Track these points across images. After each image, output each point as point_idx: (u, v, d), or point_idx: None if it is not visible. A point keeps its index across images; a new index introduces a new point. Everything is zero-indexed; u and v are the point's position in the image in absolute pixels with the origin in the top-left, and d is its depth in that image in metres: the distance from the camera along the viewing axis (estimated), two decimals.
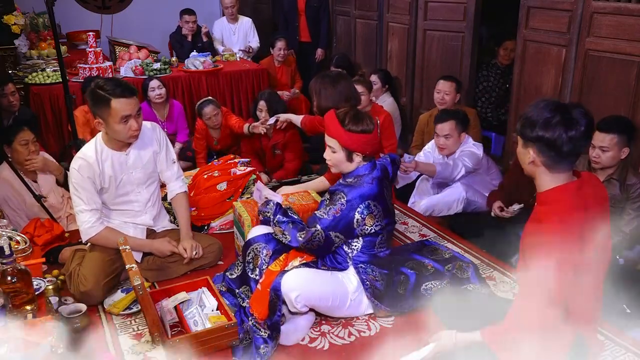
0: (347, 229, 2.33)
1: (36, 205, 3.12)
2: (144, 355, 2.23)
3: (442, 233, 3.22)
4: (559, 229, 1.65)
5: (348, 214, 2.30)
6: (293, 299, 2.22)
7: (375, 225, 2.35)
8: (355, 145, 2.35)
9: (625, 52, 3.06)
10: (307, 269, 2.36)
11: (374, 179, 2.36)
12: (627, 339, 2.23)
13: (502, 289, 2.65)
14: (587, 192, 1.74)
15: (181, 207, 2.85)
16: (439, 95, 3.94)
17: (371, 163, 2.42)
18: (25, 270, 1.97)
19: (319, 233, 2.31)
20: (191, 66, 5.08)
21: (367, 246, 2.40)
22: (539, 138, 1.67)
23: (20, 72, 4.74)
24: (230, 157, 3.76)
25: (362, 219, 2.31)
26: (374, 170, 2.40)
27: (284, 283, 2.26)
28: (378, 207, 2.34)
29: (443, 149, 3.43)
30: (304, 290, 2.24)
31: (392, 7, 4.98)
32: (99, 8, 5.50)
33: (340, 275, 2.40)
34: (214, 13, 7.52)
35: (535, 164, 1.74)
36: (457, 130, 3.38)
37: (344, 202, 2.30)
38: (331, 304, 2.33)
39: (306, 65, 5.98)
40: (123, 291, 2.61)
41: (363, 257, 2.40)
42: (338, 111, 2.43)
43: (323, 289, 2.30)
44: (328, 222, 2.30)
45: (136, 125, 2.50)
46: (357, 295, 2.37)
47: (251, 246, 2.52)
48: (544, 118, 1.66)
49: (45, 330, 1.83)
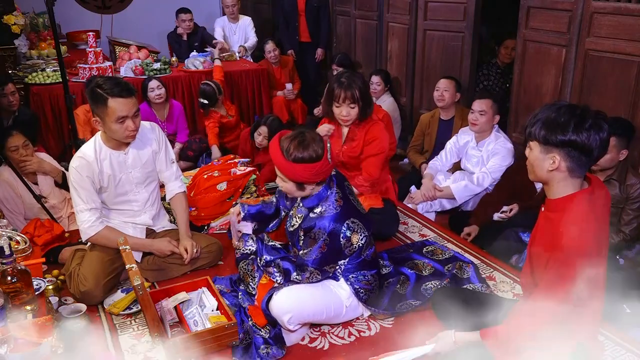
0: (336, 256, 2.25)
1: (36, 206, 3.12)
2: (144, 355, 2.23)
3: (442, 233, 3.22)
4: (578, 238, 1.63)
5: (334, 244, 2.19)
6: (286, 322, 2.18)
7: (361, 239, 2.25)
8: (304, 178, 2.17)
9: (625, 52, 3.05)
10: (296, 287, 2.26)
11: (338, 196, 2.22)
12: (627, 339, 2.23)
13: (502, 289, 2.65)
14: (597, 198, 1.73)
15: (180, 207, 2.85)
16: (438, 93, 3.96)
17: (326, 185, 2.26)
18: (25, 270, 1.97)
19: (313, 273, 2.23)
20: (191, 66, 5.09)
21: (354, 257, 2.31)
22: (570, 142, 1.62)
23: (20, 72, 4.74)
24: (230, 157, 3.76)
25: (347, 240, 2.22)
26: (333, 187, 2.25)
27: (273, 306, 2.20)
28: (355, 221, 2.23)
29: (475, 124, 3.47)
30: (296, 311, 2.19)
31: (392, 7, 4.98)
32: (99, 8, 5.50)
33: (332, 285, 2.33)
34: (214, 13, 7.52)
35: (559, 170, 1.68)
36: (492, 110, 3.44)
37: (326, 237, 2.17)
38: (326, 316, 2.30)
39: (306, 65, 5.98)
40: (123, 291, 2.61)
41: (351, 266, 2.33)
42: (282, 138, 2.21)
43: (316, 305, 2.25)
44: (317, 259, 2.20)
45: (133, 126, 2.49)
46: (351, 301, 2.34)
47: (240, 263, 2.55)
48: (575, 121, 1.61)
49: (45, 330, 1.83)
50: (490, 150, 3.46)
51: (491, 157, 3.44)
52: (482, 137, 3.52)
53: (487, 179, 3.40)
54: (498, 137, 3.49)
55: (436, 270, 2.67)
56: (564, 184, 1.71)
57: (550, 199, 1.77)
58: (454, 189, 3.44)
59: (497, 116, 3.48)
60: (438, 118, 4.07)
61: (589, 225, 1.66)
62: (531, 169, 1.77)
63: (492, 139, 3.48)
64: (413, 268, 2.68)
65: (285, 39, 5.94)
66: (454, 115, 4.02)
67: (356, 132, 3.06)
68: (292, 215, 2.40)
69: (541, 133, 1.67)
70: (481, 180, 3.41)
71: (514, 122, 3.93)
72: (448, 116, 4.03)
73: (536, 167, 1.73)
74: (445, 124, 4.04)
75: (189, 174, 3.61)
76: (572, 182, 1.70)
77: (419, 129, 4.20)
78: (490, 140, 3.48)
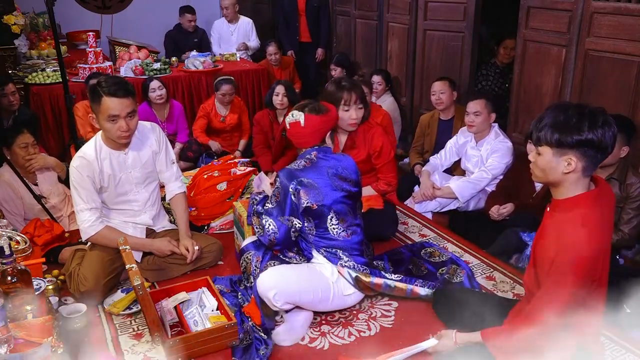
0: (291, 210, 2.35)
1: (36, 206, 3.12)
2: (144, 355, 2.23)
3: (442, 233, 3.22)
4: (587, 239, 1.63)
5: (285, 194, 2.34)
6: (271, 298, 2.21)
7: (309, 201, 2.32)
8: (326, 126, 2.54)
9: (625, 52, 3.05)
10: (283, 265, 2.36)
11: (308, 159, 2.44)
12: (627, 339, 2.23)
13: (502, 288, 2.65)
14: (604, 198, 1.73)
15: (180, 208, 2.85)
16: (435, 97, 3.95)
17: (315, 148, 2.51)
18: (25, 270, 1.97)
19: (269, 223, 2.35)
20: (191, 66, 5.08)
21: (320, 229, 2.37)
22: (587, 141, 1.63)
23: (20, 72, 4.73)
24: (230, 157, 3.76)
25: (297, 194, 2.33)
26: (313, 153, 2.48)
27: (259, 284, 2.25)
28: (313, 183, 2.35)
29: (472, 126, 3.47)
30: (281, 287, 2.23)
31: (392, 7, 4.98)
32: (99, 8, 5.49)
33: (317, 266, 2.39)
34: (214, 14, 7.52)
35: (574, 171, 1.68)
36: (487, 109, 3.43)
37: (279, 185, 2.37)
38: (313, 297, 2.30)
39: (306, 66, 5.98)
40: (123, 291, 2.61)
41: (322, 242, 2.38)
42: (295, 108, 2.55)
43: (300, 282, 2.28)
44: (275, 210, 2.37)
45: (125, 127, 2.49)
46: (337, 278, 2.36)
47: (243, 255, 2.55)
48: (588, 120, 1.62)
49: (45, 330, 1.83)
50: (489, 149, 3.46)
51: (490, 155, 3.44)
52: (481, 137, 3.52)
53: (486, 175, 3.40)
54: (498, 136, 3.49)
55: (429, 271, 2.69)
56: (575, 185, 1.71)
57: (557, 200, 1.76)
58: (454, 188, 3.44)
59: (492, 114, 3.47)
60: (438, 118, 4.06)
61: (596, 226, 1.66)
62: (541, 173, 1.75)
63: (491, 138, 3.48)
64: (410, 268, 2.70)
65: (285, 39, 5.94)
66: (454, 115, 4.01)
67: (355, 139, 3.05)
68: None
69: (554, 136, 1.66)
70: (480, 177, 3.41)
71: (513, 122, 3.93)
72: (448, 116, 4.03)
73: (549, 170, 1.72)
74: (445, 124, 4.04)
75: (189, 174, 3.61)
76: (582, 183, 1.71)
77: (419, 130, 4.19)
78: (490, 139, 3.48)
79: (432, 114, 4.14)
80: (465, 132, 3.62)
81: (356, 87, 2.95)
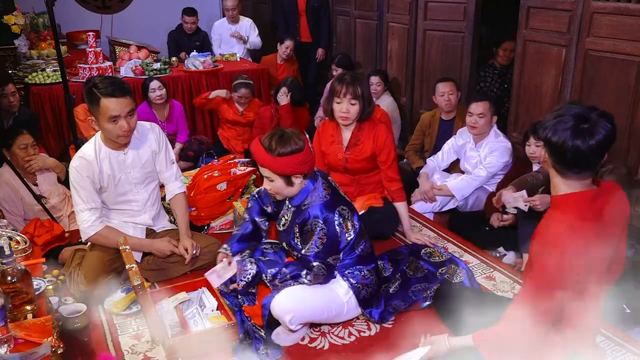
0: (336, 245, 2.26)
1: (36, 206, 3.12)
2: (144, 355, 2.23)
3: (442, 233, 3.22)
4: (566, 237, 1.60)
5: (331, 232, 2.21)
6: (287, 321, 2.19)
7: (355, 226, 2.28)
8: (290, 169, 2.20)
9: (625, 52, 3.05)
10: (297, 287, 2.26)
11: (326, 186, 2.29)
12: (627, 339, 2.23)
13: (502, 288, 2.65)
14: (603, 203, 1.67)
15: (180, 208, 2.85)
16: (443, 98, 3.93)
17: (312, 178, 2.30)
18: (25, 270, 1.97)
19: (320, 268, 2.23)
20: (191, 66, 5.08)
21: (348, 250, 2.32)
22: (545, 140, 1.64)
23: (20, 72, 4.74)
24: (230, 157, 3.76)
25: (342, 227, 2.24)
26: (319, 180, 2.31)
27: (274, 306, 2.21)
28: (345, 208, 2.28)
29: (474, 128, 3.47)
30: (297, 311, 2.20)
31: (392, 7, 4.98)
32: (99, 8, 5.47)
33: (331, 283, 2.34)
34: (215, 14, 7.52)
35: (547, 164, 1.72)
36: (491, 112, 3.45)
37: (322, 225, 2.20)
38: (327, 315, 2.30)
39: (306, 66, 5.98)
40: (123, 291, 2.61)
41: (347, 260, 2.34)
42: (262, 138, 2.25)
43: (316, 304, 2.25)
44: (320, 252, 2.22)
45: (126, 126, 2.49)
46: (349, 297, 2.34)
47: None
48: (557, 121, 1.61)
49: (45, 330, 1.83)
50: (488, 150, 3.46)
51: (489, 154, 3.44)
52: (480, 138, 3.52)
53: (483, 172, 3.40)
54: (498, 136, 3.49)
55: (428, 272, 2.68)
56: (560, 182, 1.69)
57: (552, 195, 1.76)
58: (451, 186, 3.43)
59: (495, 117, 3.49)
60: (439, 118, 4.06)
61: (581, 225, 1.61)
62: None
63: (491, 138, 3.48)
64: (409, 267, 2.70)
65: None
66: (455, 116, 4.01)
67: (359, 137, 3.02)
68: (280, 217, 2.42)
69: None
70: (477, 174, 3.42)
71: (513, 122, 3.93)
72: (450, 116, 4.03)
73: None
74: (446, 124, 4.04)
75: (189, 174, 3.61)
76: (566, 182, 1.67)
77: (419, 128, 4.19)
78: (489, 140, 3.48)
79: (433, 114, 4.14)
80: (464, 133, 3.62)
81: (355, 82, 2.89)
